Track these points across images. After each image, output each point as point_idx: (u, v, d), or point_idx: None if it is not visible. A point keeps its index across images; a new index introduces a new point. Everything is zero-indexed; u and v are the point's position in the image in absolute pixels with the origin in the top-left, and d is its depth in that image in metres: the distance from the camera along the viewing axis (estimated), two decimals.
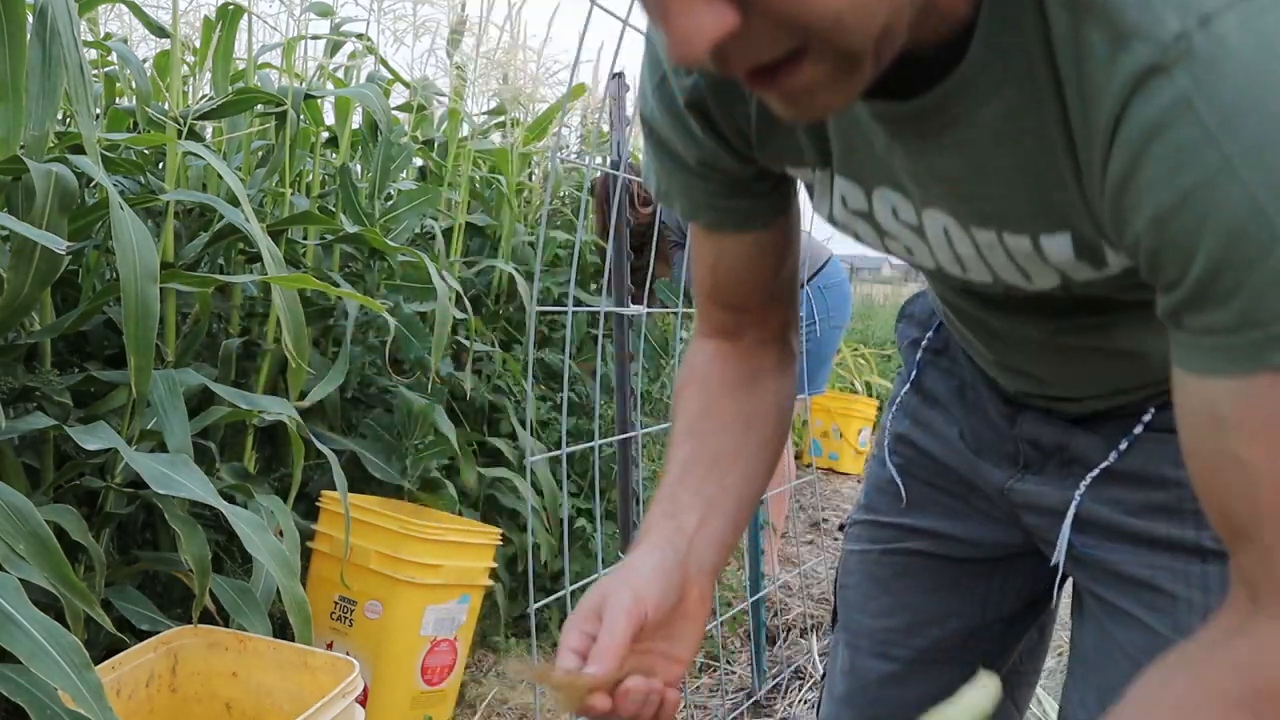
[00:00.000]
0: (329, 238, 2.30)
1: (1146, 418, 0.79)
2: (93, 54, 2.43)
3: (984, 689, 0.67)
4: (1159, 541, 0.79)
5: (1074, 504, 0.83)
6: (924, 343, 0.99)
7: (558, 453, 1.94)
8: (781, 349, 0.90)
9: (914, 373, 0.99)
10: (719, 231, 0.83)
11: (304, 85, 2.30)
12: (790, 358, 0.91)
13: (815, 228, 3.11)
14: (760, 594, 2.41)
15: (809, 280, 3.03)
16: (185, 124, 1.91)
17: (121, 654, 1.46)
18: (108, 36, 2.59)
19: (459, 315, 2.34)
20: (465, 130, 3.00)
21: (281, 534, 1.69)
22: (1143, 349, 0.74)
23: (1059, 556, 0.84)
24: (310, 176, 2.52)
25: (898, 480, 0.98)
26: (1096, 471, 0.82)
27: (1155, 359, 0.70)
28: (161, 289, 1.61)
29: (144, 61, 2.19)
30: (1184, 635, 0.72)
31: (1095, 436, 0.82)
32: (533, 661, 1.94)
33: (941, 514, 0.96)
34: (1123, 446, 0.80)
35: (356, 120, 2.66)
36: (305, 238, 2.34)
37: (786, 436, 0.90)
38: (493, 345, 2.74)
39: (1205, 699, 0.56)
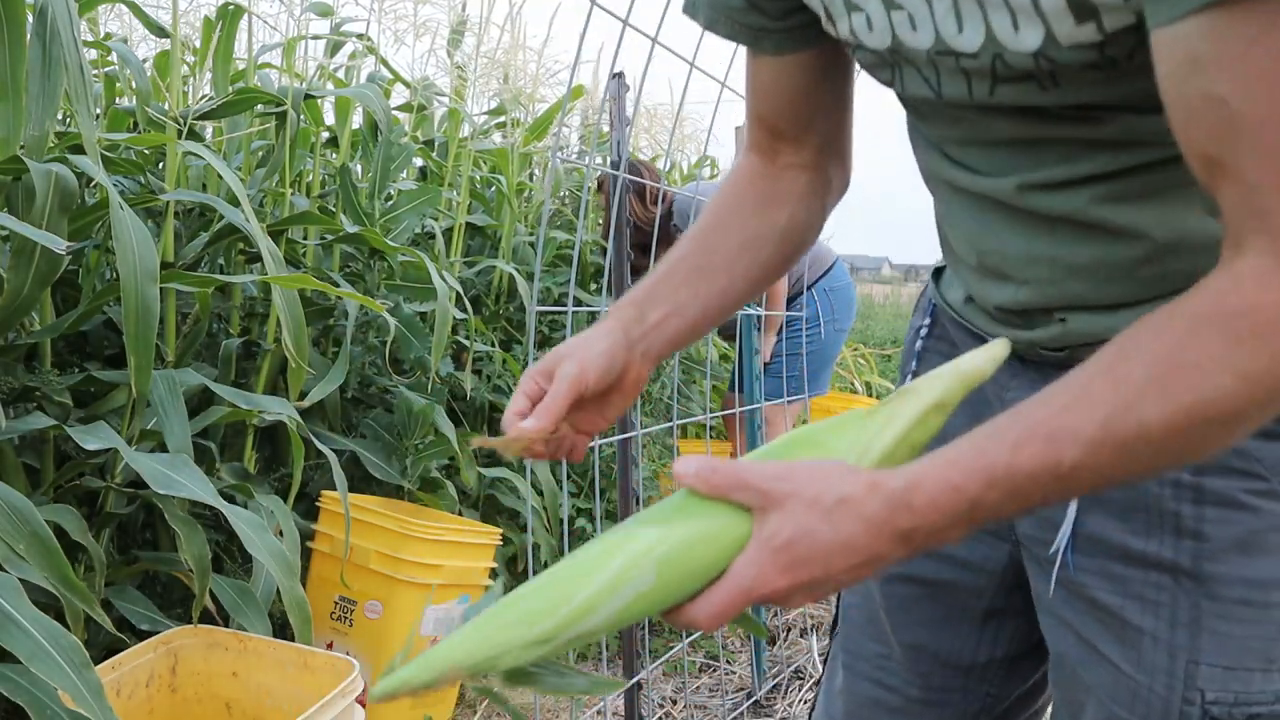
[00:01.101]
0: (329, 238, 2.30)
1: None
2: (93, 54, 2.43)
3: (991, 349, 0.65)
4: (1133, 557, 0.75)
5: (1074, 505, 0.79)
6: (921, 329, 0.98)
7: None
8: (814, 177, 0.91)
9: (913, 363, 0.98)
10: (739, 42, 0.87)
11: (304, 85, 2.30)
12: (823, 188, 0.92)
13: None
14: None
15: (814, 283, 3.04)
16: (185, 124, 1.91)
17: (121, 654, 1.46)
18: (108, 36, 2.60)
19: (459, 315, 2.34)
20: (466, 130, 3.00)
21: (281, 534, 1.69)
22: (1109, 220, 0.71)
23: (1059, 545, 0.80)
24: (310, 176, 2.52)
25: None
26: None
27: (1118, 246, 0.71)
28: (161, 289, 1.61)
29: (144, 61, 2.19)
30: (1149, 674, 0.73)
31: None
32: None
33: None
34: None
35: (357, 120, 2.66)
36: (305, 238, 2.34)
37: (788, 264, 0.94)
38: (493, 345, 2.75)
39: (1180, 315, 0.56)
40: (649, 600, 0.59)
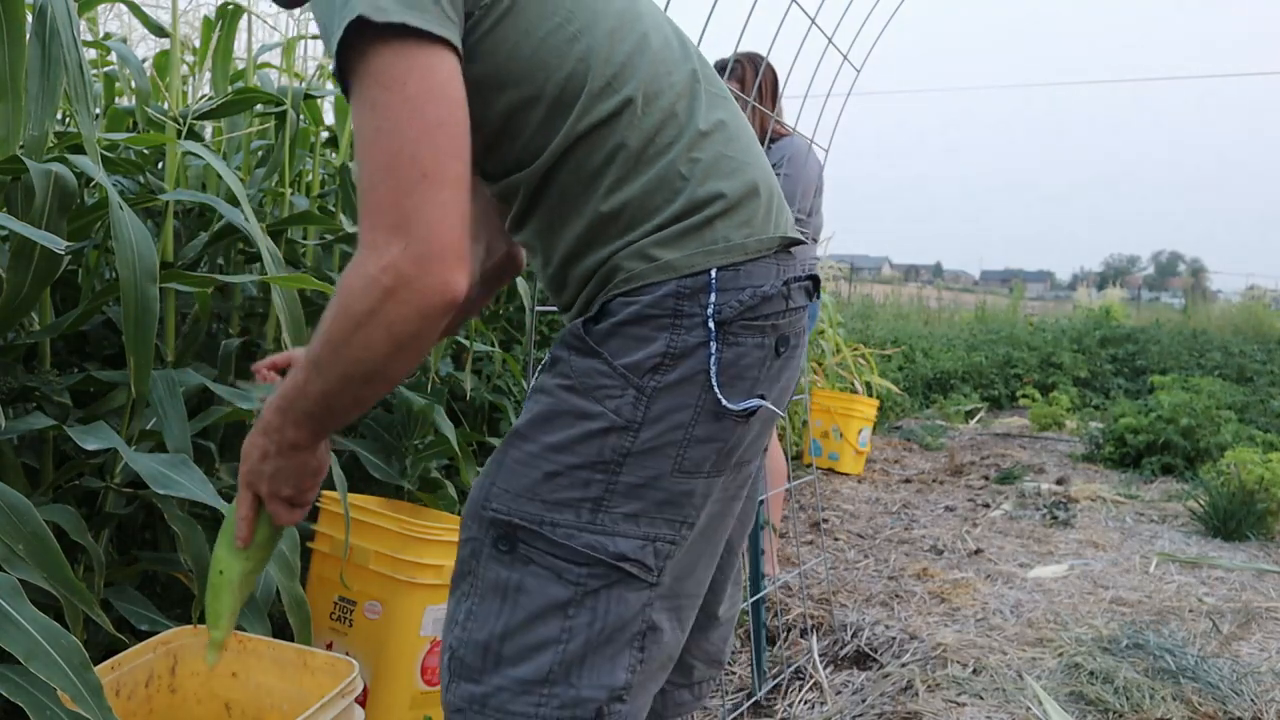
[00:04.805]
0: (329, 238, 2.30)
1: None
2: (92, 54, 2.43)
3: None
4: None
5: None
6: None
7: None
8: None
9: None
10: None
11: (304, 85, 2.30)
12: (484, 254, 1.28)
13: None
14: (760, 594, 2.41)
15: None
16: (185, 124, 1.91)
17: (121, 654, 1.45)
18: (107, 36, 2.59)
19: None
20: None
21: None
22: (533, 245, 1.09)
23: None
24: (310, 176, 2.52)
25: None
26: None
27: (543, 263, 1.08)
28: (161, 289, 1.61)
29: (144, 61, 2.19)
30: (476, 488, 1.06)
31: None
32: None
33: None
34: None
35: None
36: (305, 238, 2.34)
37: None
38: (493, 345, 2.74)
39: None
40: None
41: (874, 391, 6.29)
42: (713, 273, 1.00)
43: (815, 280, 1.11)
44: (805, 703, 2.38)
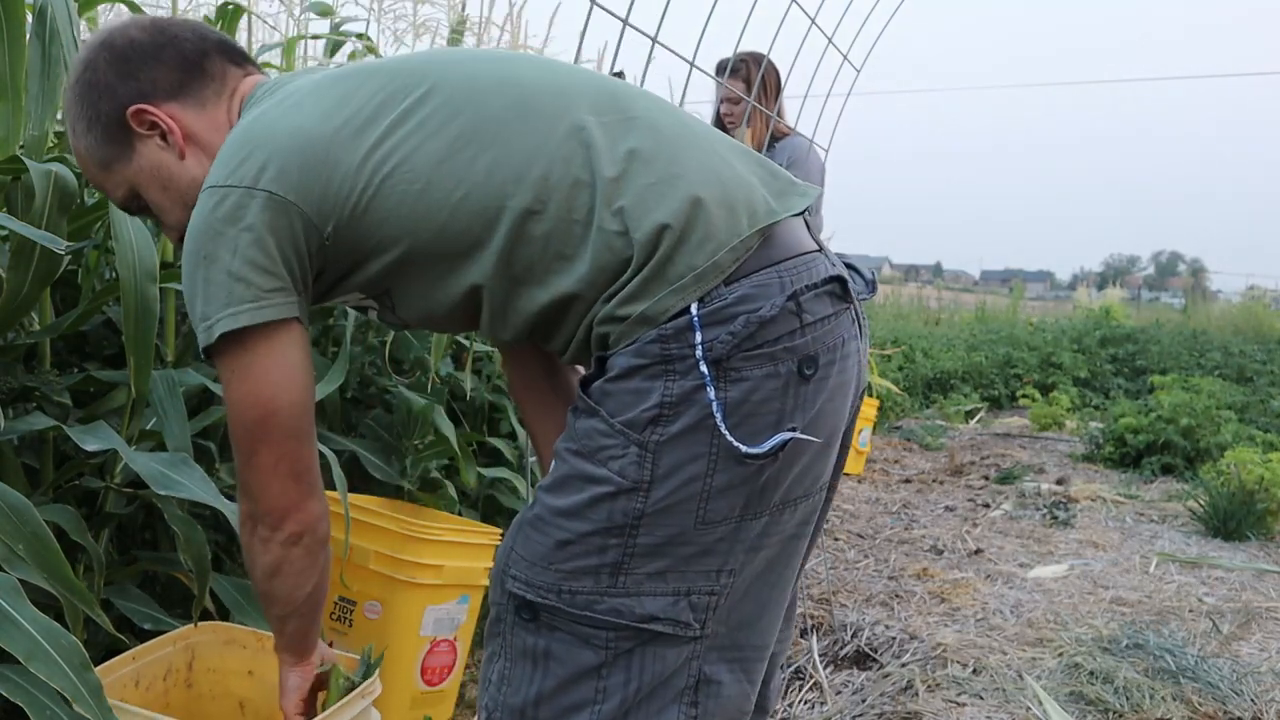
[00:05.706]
0: None
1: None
2: None
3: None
4: None
5: None
6: None
7: None
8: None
9: None
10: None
11: None
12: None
13: None
14: None
15: None
16: None
17: (141, 646, 1.45)
18: None
19: None
20: None
21: None
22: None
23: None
24: None
25: None
26: None
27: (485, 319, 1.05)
28: (161, 289, 1.61)
29: None
30: (500, 550, 1.06)
31: None
32: None
33: None
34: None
35: None
36: None
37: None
38: (493, 345, 2.74)
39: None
40: None
41: (874, 391, 6.29)
42: (693, 309, 0.93)
43: (840, 281, 1.00)
44: (805, 703, 2.38)
